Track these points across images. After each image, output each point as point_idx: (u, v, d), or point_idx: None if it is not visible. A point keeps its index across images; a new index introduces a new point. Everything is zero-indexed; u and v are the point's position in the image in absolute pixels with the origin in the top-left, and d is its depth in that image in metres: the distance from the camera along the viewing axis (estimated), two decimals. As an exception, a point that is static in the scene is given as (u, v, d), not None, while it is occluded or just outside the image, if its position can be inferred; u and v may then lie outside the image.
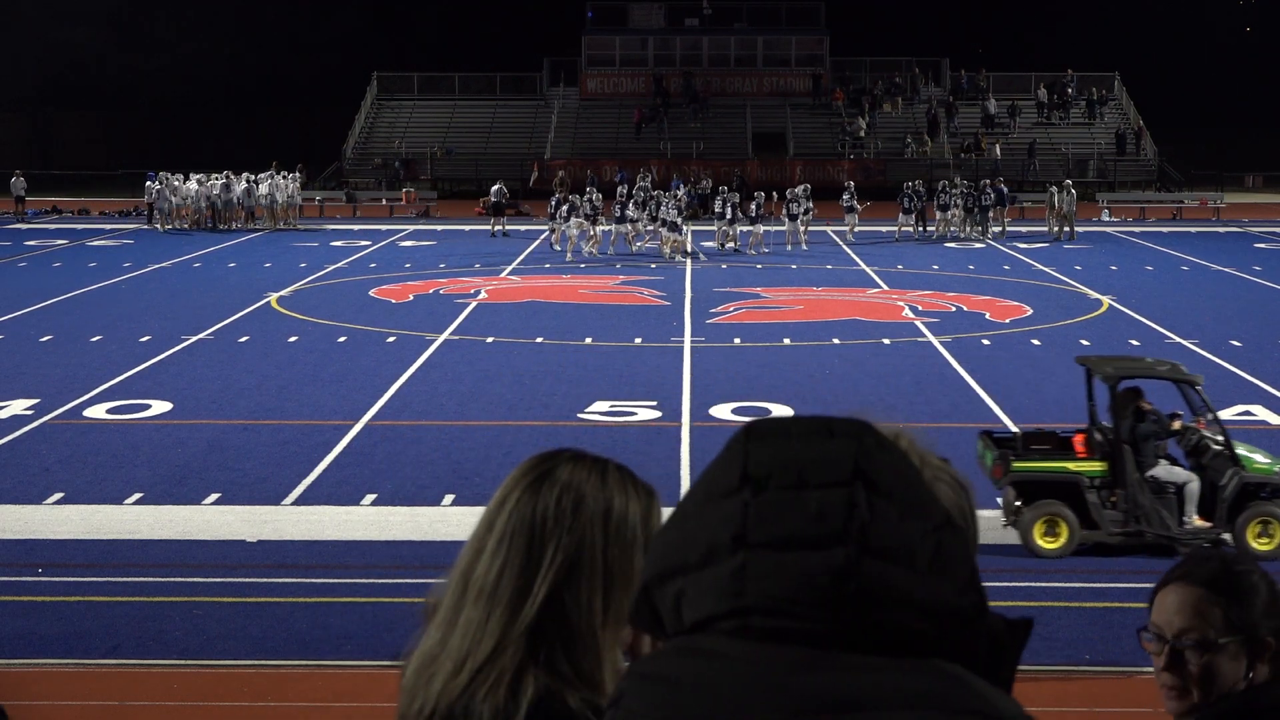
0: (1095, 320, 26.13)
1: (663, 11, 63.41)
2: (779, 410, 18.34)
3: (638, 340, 23.76)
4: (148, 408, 18.60)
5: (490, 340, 23.76)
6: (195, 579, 12.25)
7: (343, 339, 23.88)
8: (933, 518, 1.45)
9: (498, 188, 42.97)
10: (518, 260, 35.52)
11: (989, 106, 60.23)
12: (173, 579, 12.27)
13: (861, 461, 1.44)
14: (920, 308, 27.35)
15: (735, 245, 37.31)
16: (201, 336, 24.01)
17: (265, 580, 12.28)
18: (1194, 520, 13.01)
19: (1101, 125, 60.51)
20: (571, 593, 1.98)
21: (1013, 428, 14.39)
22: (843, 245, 38.63)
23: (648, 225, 36.90)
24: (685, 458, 16.04)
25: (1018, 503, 13.09)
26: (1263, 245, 39.91)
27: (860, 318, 26.23)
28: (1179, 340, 23.65)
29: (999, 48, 69.43)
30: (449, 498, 14.52)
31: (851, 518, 1.41)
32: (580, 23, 63.38)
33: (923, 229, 40.94)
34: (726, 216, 37.02)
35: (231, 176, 43.89)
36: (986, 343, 23.63)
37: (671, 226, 35.34)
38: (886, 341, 23.63)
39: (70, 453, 16.32)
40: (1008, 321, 25.88)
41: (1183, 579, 2.86)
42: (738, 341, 23.69)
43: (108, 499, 14.51)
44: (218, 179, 43.78)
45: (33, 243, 39.41)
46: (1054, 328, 25.13)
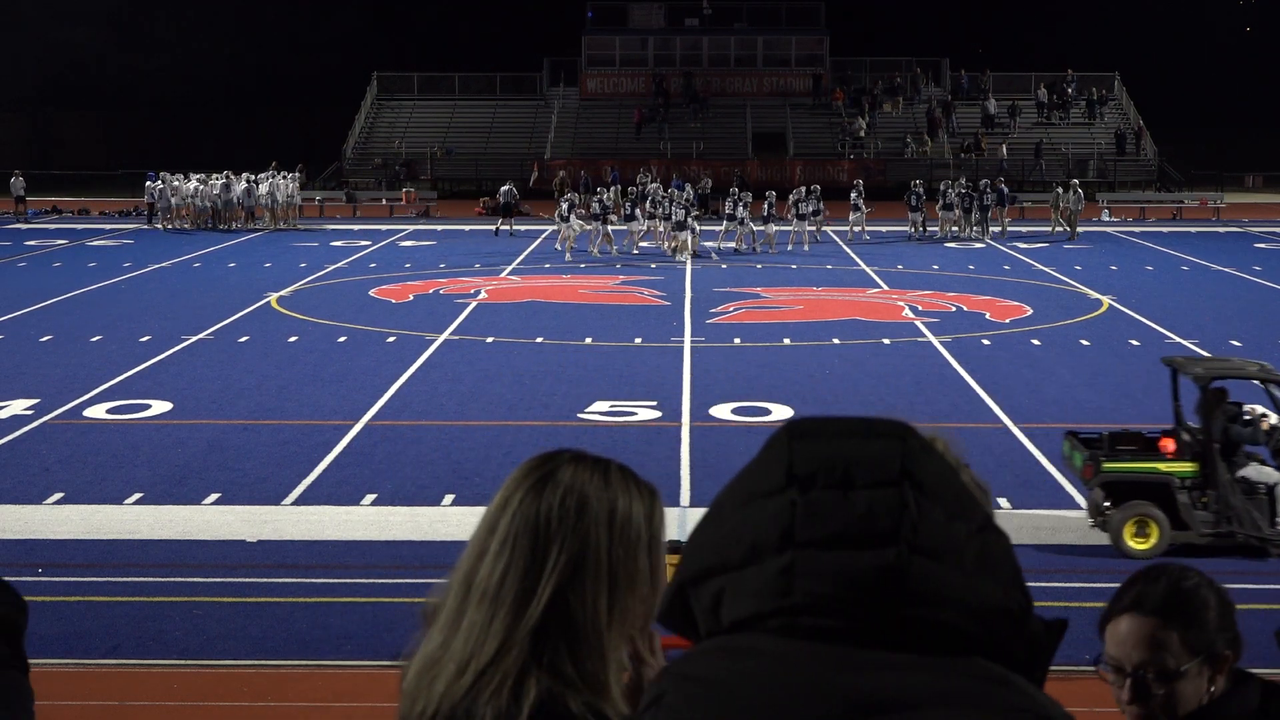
0: (1095, 320, 26.13)
1: (663, 11, 63.40)
2: (779, 410, 18.34)
3: (638, 340, 23.76)
4: (148, 408, 18.60)
5: (490, 340, 23.76)
6: (195, 579, 12.25)
7: (343, 339, 23.88)
8: (976, 518, 1.46)
9: (507, 188, 43.12)
10: (518, 260, 35.52)
11: (989, 106, 60.23)
12: (173, 579, 12.27)
13: (908, 462, 1.45)
14: (920, 308, 27.35)
15: (741, 246, 37.37)
16: (201, 336, 24.01)
17: (265, 580, 12.27)
18: None
19: (1101, 125, 60.50)
20: (576, 594, 1.97)
21: (1099, 429, 14.33)
22: (843, 245, 38.62)
23: (659, 225, 36.88)
24: (685, 458, 16.04)
25: (1106, 503, 13.01)
26: (1263, 245, 39.91)
27: (860, 318, 26.23)
28: (1179, 340, 23.65)
29: (999, 48, 69.42)
30: (449, 498, 14.52)
31: (902, 517, 1.41)
32: (580, 23, 63.38)
33: (923, 229, 40.96)
34: (738, 216, 37.04)
35: (231, 176, 43.90)
36: (986, 343, 23.62)
37: (678, 226, 35.32)
38: (886, 341, 23.62)
39: (70, 453, 16.32)
40: (1008, 321, 25.88)
41: (1134, 608, 2.87)
42: (738, 341, 23.69)
43: (108, 499, 14.51)
44: (218, 179, 43.80)
45: (33, 243, 39.41)
46: (1054, 328, 25.13)
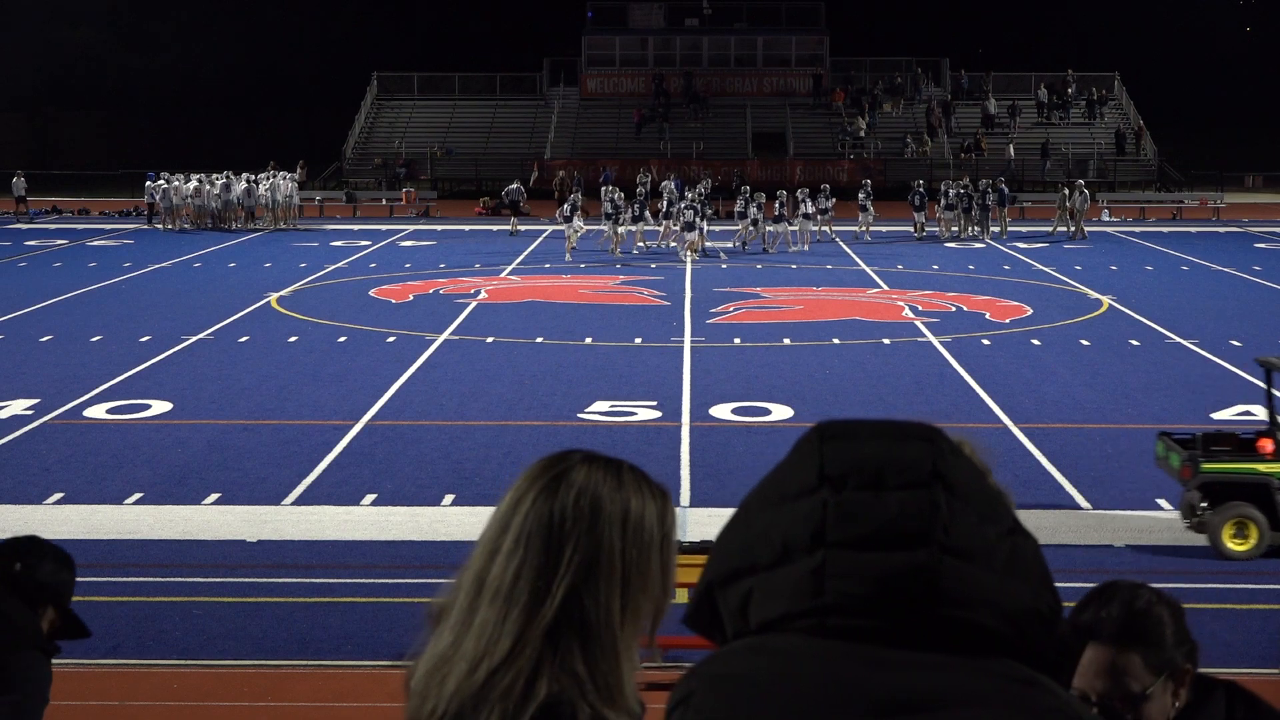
0: (1095, 320, 26.13)
1: (663, 11, 63.40)
2: (779, 410, 18.35)
3: (638, 340, 23.75)
4: (148, 408, 18.60)
5: (490, 340, 23.75)
6: (195, 579, 12.25)
7: (343, 339, 23.88)
8: (1006, 521, 1.47)
9: (515, 187, 43.23)
10: (518, 260, 35.52)
11: (989, 106, 60.23)
12: (173, 579, 12.27)
13: (939, 464, 1.46)
14: (920, 308, 27.35)
15: (747, 244, 37.40)
16: (201, 336, 24.01)
17: (265, 580, 12.27)
18: None
19: (1101, 125, 60.50)
20: (590, 594, 1.96)
21: (1191, 429, 14.26)
22: (843, 245, 38.62)
23: (674, 226, 36.86)
24: (685, 458, 16.04)
25: (1203, 505, 12.88)
26: (1263, 245, 39.90)
27: (860, 318, 26.22)
28: (1179, 340, 23.65)
29: (999, 48, 69.48)
30: (449, 498, 14.52)
31: (934, 519, 1.42)
32: (580, 23, 63.38)
33: (924, 230, 40.93)
34: (750, 216, 37.03)
35: (231, 176, 43.91)
36: (986, 343, 23.62)
37: (687, 226, 35.29)
38: (886, 341, 23.62)
39: (70, 453, 16.31)
40: (1008, 321, 25.87)
41: (1092, 638, 2.89)
42: (738, 341, 23.69)
43: (108, 499, 14.51)
44: (218, 179, 43.81)
45: (33, 243, 39.41)
46: (1054, 328, 25.13)
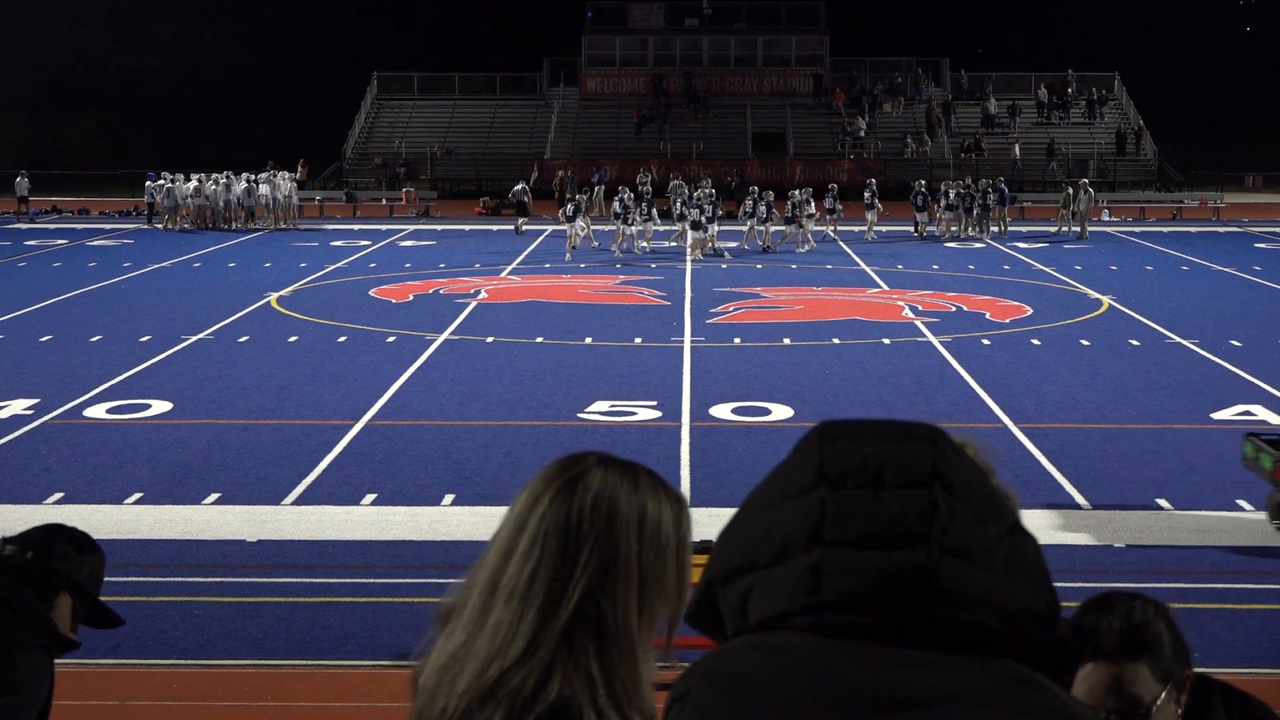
0: (1095, 320, 26.13)
1: (663, 11, 63.41)
2: (779, 410, 18.35)
3: (638, 340, 23.75)
4: (148, 408, 18.59)
5: (490, 340, 23.75)
6: (195, 579, 12.25)
7: (343, 339, 23.88)
8: (1006, 521, 1.47)
9: (520, 188, 43.35)
10: (518, 260, 35.53)
11: (989, 106, 60.24)
12: (173, 579, 12.26)
13: (939, 464, 1.46)
14: (920, 308, 27.35)
15: (753, 244, 37.43)
16: (201, 336, 24.00)
17: (265, 580, 12.27)
18: None
19: (1101, 125, 60.51)
20: (606, 596, 1.96)
21: (1277, 431, 14.24)
22: (843, 245, 38.62)
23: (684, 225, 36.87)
24: (685, 458, 16.04)
25: None
26: (1263, 245, 39.91)
27: (860, 318, 26.22)
28: (1179, 340, 23.65)
29: (999, 48, 69.50)
30: (449, 498, 14.52)
31: (933, 518, 1.43)
32: (580, 23, 63.39)
33: (924, 231, 40.94)
34: (760, 215, 37.03)
35: (232, 176, 43.93)
36: (986, 343, 23.62)
37: (695, 225, 35.28)
38: (886, 341, 23.62)
39: (70, 453, 16.31)
40: (1008, 321, 25.87)
41: (1093, 656, 2.93)
42: (738, 341, 23.69)
43: (108, 499, 14.50)
44: (219, 179, 43.82)
45: (33, 243, 39.41)
46: (1054, 328, 25.13)
